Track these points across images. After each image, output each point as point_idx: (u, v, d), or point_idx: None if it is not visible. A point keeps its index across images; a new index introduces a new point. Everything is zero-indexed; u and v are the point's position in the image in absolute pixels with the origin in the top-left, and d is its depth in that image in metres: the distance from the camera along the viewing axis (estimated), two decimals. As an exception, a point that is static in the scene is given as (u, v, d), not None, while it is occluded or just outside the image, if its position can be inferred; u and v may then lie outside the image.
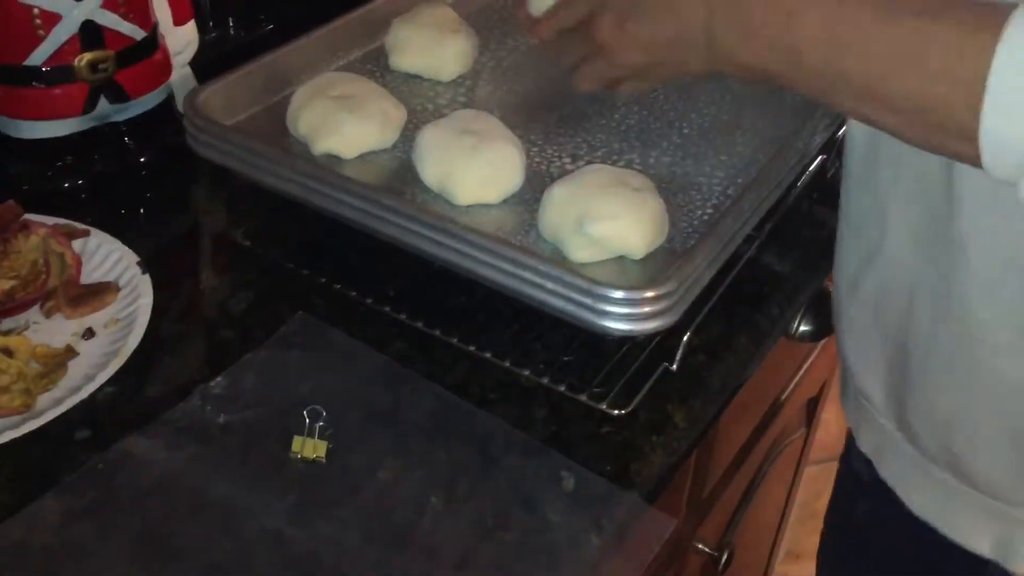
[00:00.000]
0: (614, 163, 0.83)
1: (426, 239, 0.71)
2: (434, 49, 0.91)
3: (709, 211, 0.78)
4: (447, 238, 0.70)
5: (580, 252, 0.71)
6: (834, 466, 0.89)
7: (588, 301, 0.66)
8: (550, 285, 0.67)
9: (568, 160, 0.83)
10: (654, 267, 0.72)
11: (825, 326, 0.91)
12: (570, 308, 0.66)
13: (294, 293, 0.78)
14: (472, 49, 0.93)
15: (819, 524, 0.92)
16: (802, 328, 0.91)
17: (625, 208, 0.71)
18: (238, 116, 0.85)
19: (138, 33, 0.88)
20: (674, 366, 0.71)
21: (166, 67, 0.94)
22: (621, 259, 0.72)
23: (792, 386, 1.09)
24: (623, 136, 0.86)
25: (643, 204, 0.72)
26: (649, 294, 0.65)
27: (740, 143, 0.86)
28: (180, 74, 1.00)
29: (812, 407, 1.32)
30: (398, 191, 0.77)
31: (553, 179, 0.80)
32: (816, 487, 1.42)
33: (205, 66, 0.97)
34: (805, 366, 1.11)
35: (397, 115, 0.83)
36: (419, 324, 0.74)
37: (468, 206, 0.77)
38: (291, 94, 0.84)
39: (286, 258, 0.81)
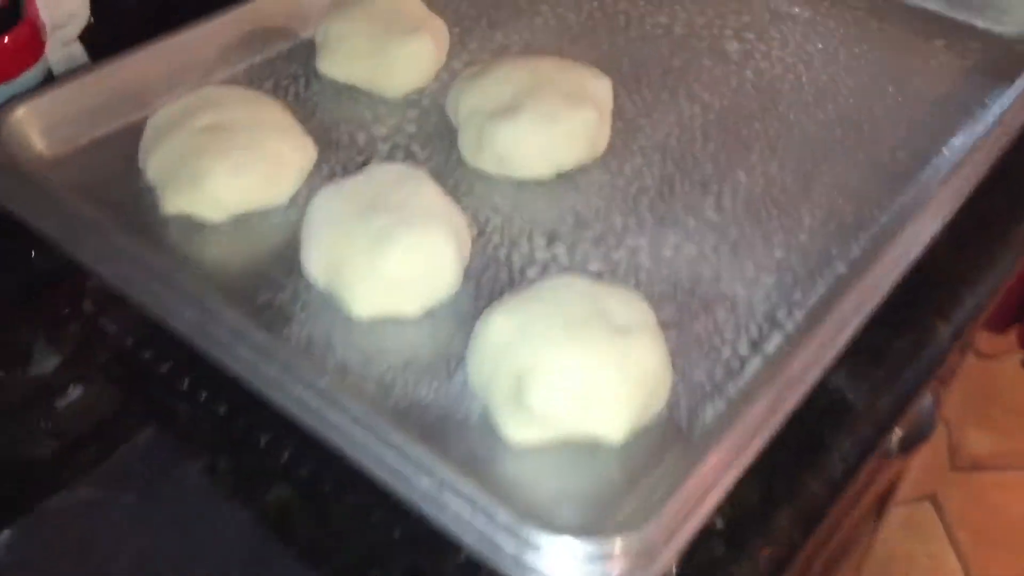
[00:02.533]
0: (609, 249, 0.55)
1: (275, 388, 0.46)
2: (378, 53, 0.63)
3: (744, 353, 0.51)
4: (306, 396, 0.45)
5: (519, 430, 0.45)
6: None
7: (506, 544, 0.40)
8: (447, 499, 0.41)
9: (542, 242, 0.56)
10: (639, 459, 0.45)
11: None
12: (479, 545, 0.40)
13: (145, 400, 0.53)
14: (434, 52, 0.65)
15: None
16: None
17: (595, 367, 0.44)
18: (79, 141, 0.60)
19: (-22, 4, 0.63)
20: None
21: (34, 46, 0.69)
22: (588, 443, 0.46)
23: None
24: (630, 203, 0.58)
25: (627, 360, 0.45)
26: (615, 547, 0.39)
27: (808, 226, 0.58)
28: (63, 54, 0.75)
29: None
30: (276, 284, 0.52)
31: (508, 282, 0.53)
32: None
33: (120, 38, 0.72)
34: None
35: (297, 159, 0.57)
36: (304, 471, 0.49)
37: (370, 320, 0.51)
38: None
39: (140, 344, 0.56)
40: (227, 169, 0.53)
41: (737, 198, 0.59)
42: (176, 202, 0.54)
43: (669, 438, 0.47)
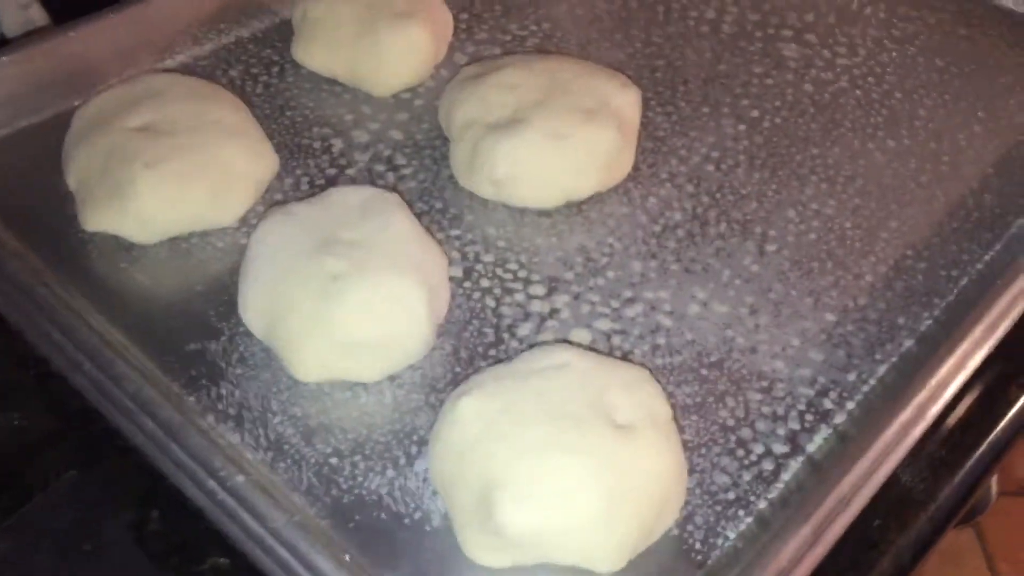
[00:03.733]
0: (623, 304, 0.45)
1: (181, 477, 0.36)
2: (363, 41, 0.53)
3: (780, 451, 0.40)
4: (219, 494, 0.35)
5: (484, 553, 0.35)
6: None
7: None
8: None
9: (540, 290, 0.46)
10: (637, 596, 0.36)
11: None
12: None
13: (70, 438, 0.43)
14: (431, 43, 0.54)
15: None
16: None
17: (584, 483, 0.34)
18: (2, 130, 0.50)
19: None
20: None
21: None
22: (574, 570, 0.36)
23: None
24: (652, 244, 0.48)
25: (627, 471, 0.34)
26: None
27: (869, 285, 0.47)
28: (20, 17, 0.65)
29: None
30: (211, 328, 0.42)
31: (494, 342, 0.43)
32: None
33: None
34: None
35: (251, 170, 0.47)
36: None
37: (318, 383, 0.41)
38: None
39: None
40: (159, 183, 0.43)
41: (784, 245, 0.49)
42: (97, 219, 0.44)
43: (679, 567, 0.37)
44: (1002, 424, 0.49)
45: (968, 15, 0.64)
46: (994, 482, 0.76)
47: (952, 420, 0.47)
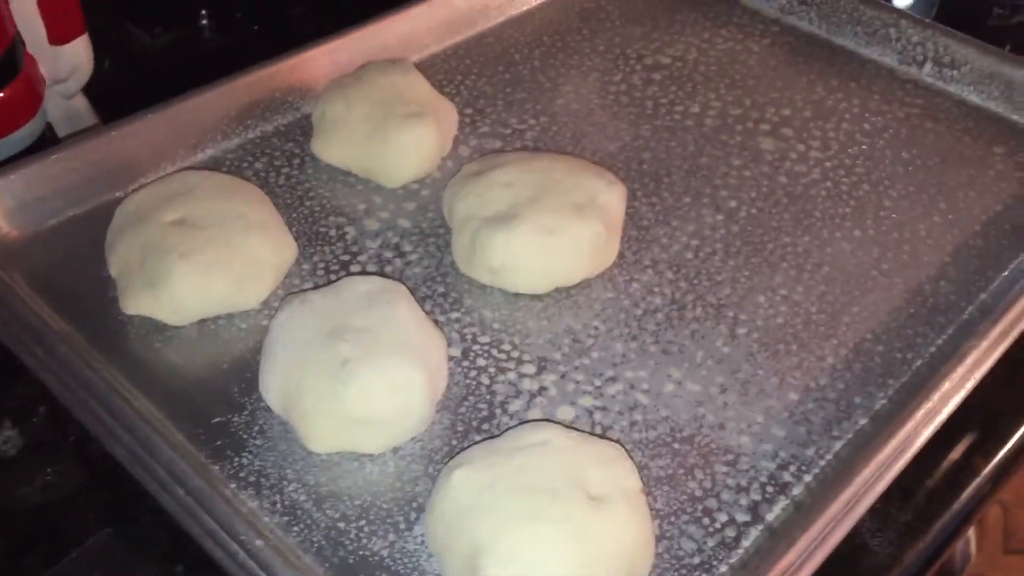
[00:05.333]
0: (605, 383, 0.50)
1: (209, 540, 0.41)
2: (375, 139, 0.59)
3: (742, 519, 0.45)
4: (241, 556, 0.40)
5: (472, 612, 0.40)
6: None
7: None
8: None
9: (531, 369, 0.51)
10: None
11: None
12: None
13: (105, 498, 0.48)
14: (436, 140, 0.60)
15: None
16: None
17: (559, 550, 0.39)
18: (49, 221, 0.56)
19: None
20: None
21: (30, 101, 0.65)
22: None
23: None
24: (634, 327, 0.53)
25: (599, 538, 0.39)
26: None
27: (830, 367, 0.52)
28: (65, 108, 0.72)
29: None
30: (234, 402, 0.47)
31: (488, 416, 0.48)
32: None
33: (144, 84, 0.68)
34: None
35: (273, 259, 0.52)
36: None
37: (329, 455, 0.46)
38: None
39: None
40: (190, 272, 0.49)
41: (754, 327, 0.54)
42: (135, 303, 0.50)
43: (644, 626, 0.41)
44: (966, 492, 0.53)
45: (935, 109, 0.69)
46: (972, 543, 0.79)
47: (920, 489, 0.52)
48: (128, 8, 0.85)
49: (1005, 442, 0.55)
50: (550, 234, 0.52)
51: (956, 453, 0.54)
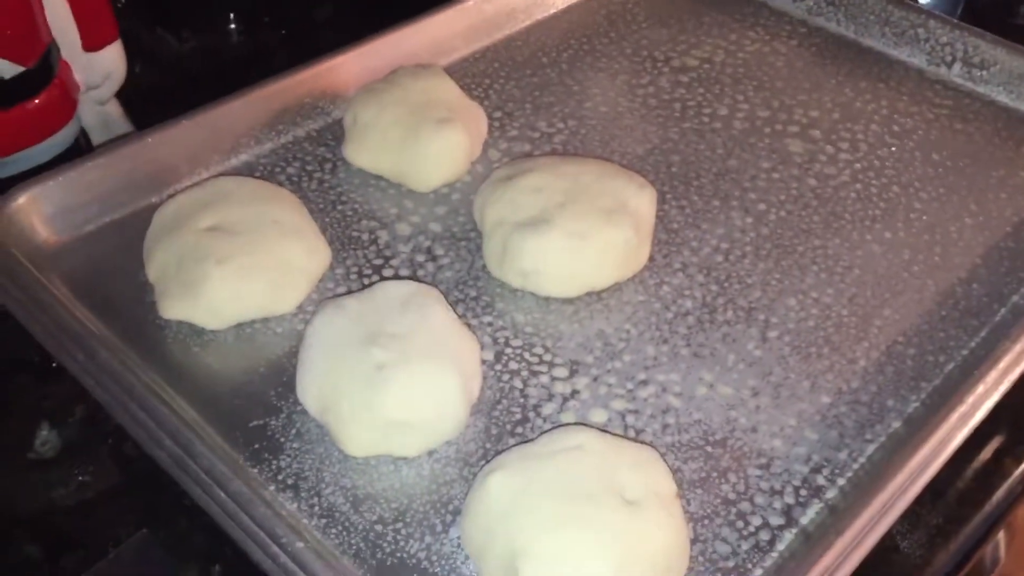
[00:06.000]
0: (637, 385, 0.50)
1: (250, 544, 0.42)
2: (406, 144, 0.59)
3: (776, 523, 0.45)
4: (282, 558, 0.41)
5: (511, 614, 0.40)
6: None
7: None
8: None
9: (563, 372, 0.51)
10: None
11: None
12: None
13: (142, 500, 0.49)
14: (466, 145, 0.60)
15: None
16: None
17: (596, 553, 0.39)
18: (87, 227, 0.57)
19: (7, 69, 0.61)
20: None
21: (64, 107, 0.66)
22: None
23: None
24: (665, 330, 0.53)
25: (634, 542, 0.39)
26: None
27: (862, 369, 0.52)
28: (99, 114, 0.72)
29: None
30: (271, 406, 0.47)
31: (521, 420, 0.48)
32: None
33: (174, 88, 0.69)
34: None
35: (308, 264, 0.53)
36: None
37: (366, 458, 0.47)
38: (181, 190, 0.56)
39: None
40: (227, 278, 0.50)
41: (785, 330, 0.54)
42: (173, 308, 0.51)
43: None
44: (997, 494, 0.53)
45: (965, 110, 0.69)
46: (1002, 546, 0.79)
47: (951, 491, 0.52)
48: (157, 13, 0.86)
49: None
50: (581, 239, 0.52)
51: (986, 454, 0.54)
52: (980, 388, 0.48)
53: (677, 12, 0.77)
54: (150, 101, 0.75)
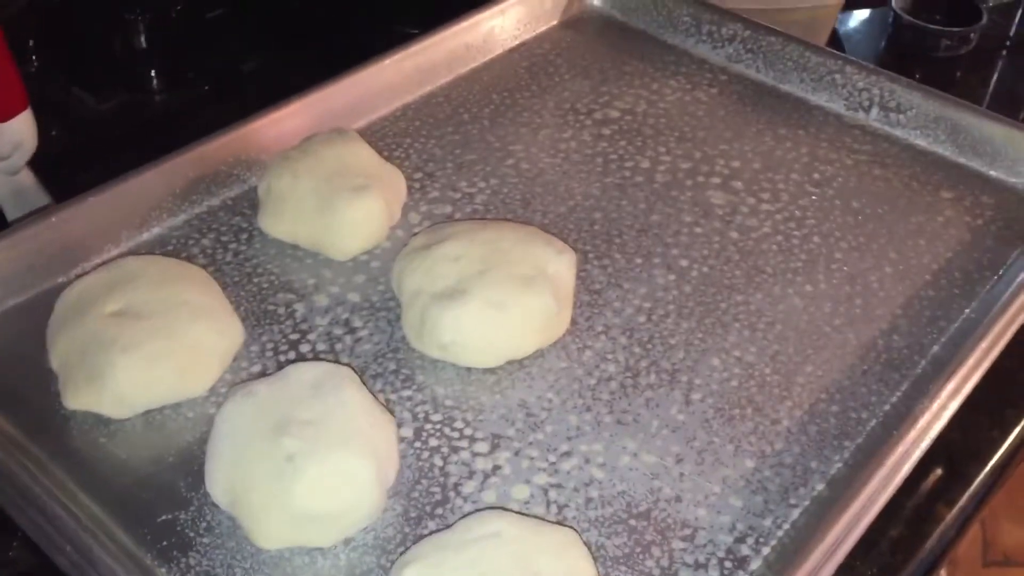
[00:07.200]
0: (559, 458, 0.49)
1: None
2: (322, 214, 0.58)
3: (698, 600, 0.45)
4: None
5: None
6: None
7: None
8: None
9: (484, 447, 0.50)
10: None
11: None
12: None
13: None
14: (383, 212, 0.59)
15: None
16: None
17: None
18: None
19: None
20: None
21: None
22: None
23: None
24: (588, 398, 0.52)
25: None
26: None
27: (785, 430, 0.51)
28: (10, 185, 0.70)
29: None
30: (181, 499, 0.46)
31: (441, 500, 0.47)
32: None
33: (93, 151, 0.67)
34: None
35: (219, 345, 0.51)
36: None
37: (278, 550, 0.45)
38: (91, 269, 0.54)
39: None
40: (133, 366, 0.48)
41: (708, 392, 0.53)
42: (78, 399, 0.49)
43: None
44: (931, 540, 0.53)
45: (883, 154, 0.70)
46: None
47: (884, 540, 0.52)
48: (75, 73, 0.84)
49: (969, 484, 0.55)
50: (499, 309, 0.52)
51: (919, 499, 0.54)
52: (900, 449, 0.48)
53: (599, 62, 0.77)
54: (67, 166, 0.74)
